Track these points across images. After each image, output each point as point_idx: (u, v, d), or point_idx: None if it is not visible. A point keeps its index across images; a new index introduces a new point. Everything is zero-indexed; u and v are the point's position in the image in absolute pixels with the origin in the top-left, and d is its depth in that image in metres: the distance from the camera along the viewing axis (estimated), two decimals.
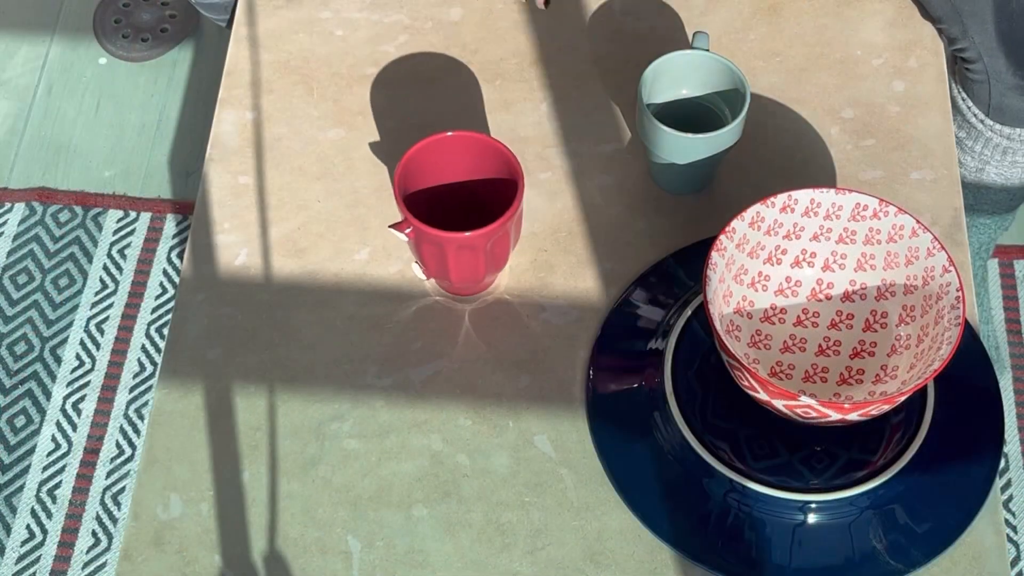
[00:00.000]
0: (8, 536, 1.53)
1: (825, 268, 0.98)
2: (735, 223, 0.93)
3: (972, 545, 0.93)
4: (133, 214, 1.75)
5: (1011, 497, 1.54)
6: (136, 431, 1.60)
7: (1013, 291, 1.67)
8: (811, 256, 0.98)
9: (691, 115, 1.06)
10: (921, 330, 0.93)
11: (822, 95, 1.13)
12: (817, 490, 0.92)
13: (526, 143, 1.11)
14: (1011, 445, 1.57)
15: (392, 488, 0.96)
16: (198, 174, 1.74)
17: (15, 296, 1.69)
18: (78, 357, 1.64)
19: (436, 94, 1.14)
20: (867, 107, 1.13)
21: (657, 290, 1.03)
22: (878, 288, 0.97)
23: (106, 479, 1.57)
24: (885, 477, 0.92)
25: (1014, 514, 1.53)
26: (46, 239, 1.73)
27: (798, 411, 0.89)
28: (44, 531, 1.54)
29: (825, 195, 0.95)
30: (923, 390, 0.96)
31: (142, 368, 1.64)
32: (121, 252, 1.72)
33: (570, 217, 1.08)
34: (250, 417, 0.99)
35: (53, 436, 1.59)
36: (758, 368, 0.96)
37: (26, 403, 1.62)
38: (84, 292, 1.69)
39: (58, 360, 1.64)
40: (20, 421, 1.61)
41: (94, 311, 1.68)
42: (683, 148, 1.01)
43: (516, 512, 0.95)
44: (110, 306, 1.68)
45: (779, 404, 0.89)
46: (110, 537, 1.53)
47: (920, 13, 1.18)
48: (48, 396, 1.62)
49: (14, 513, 1.55)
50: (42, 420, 1.61)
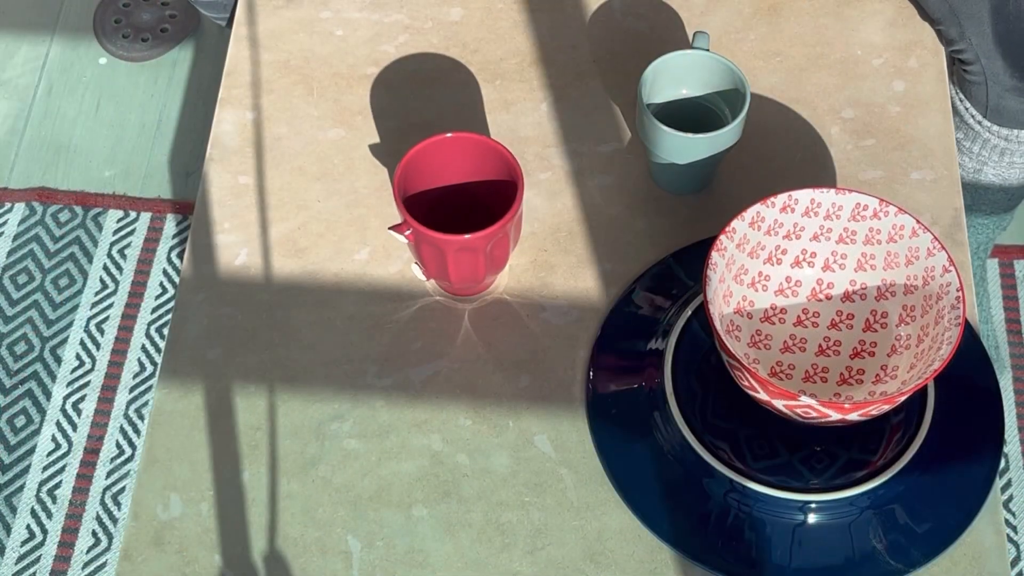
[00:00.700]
0: (8, 536, 1.53)
1: (825, 268, 0.98)
2: (735, 223, 0.94)
3: (972, 545, 0.93)
4: (133, 214, 1.75)
5: (1011, 497, 1.54)
6: (136, 431, 1.60)
7: (1013, 291, 1.67)
8: (811, 256, 0.98)
9: (691, 115, 1.06)
10: (921, 330, 0.93)
11: (822, 95, 1.13)
12: (817, 490, 0.92)
13: (526, 143, 1.11)
14: (1011, 445, 1.57)
15: (392, 488, 0.96)
16: (198, 174, 1.74)
17: (15, 296, 1.69)
18: (78, 357, 1.64)
19: (436, 94, 1.14)
20: (867, 107, 1.13)
21: (657, 290, 1.03)
22: (878, 288, 0.97)
23: (106, 479, 1.57)
24: (885, 477, 0.92)
25: (1014, 514, 1.53)
26: (46, 239, 1.73)
27: (798, 411, 0.89)
28: (44, 531, 1.54)
29: (825, 195, 0.95)
30: (923, 390, 0.96)
31: (142, 368, 1.64)
32: (121, 252, 1.72)
33: (570, 217, 1.08)
34: (250, 417, 0.99)
35: (53, 436, 1.59)
36: (758, 368, 0.96)
37: (26, 403, 1.62)
38: (84, 292, 1.69)
39: (58, 360, 1.64)
40: (20, 421, 1.61)
41: (94, 311, 1.68)
42: (683, 148, 1.01)
43: (516, 512, 0.95)
44: (110, 306, 1.68)
45: (779, 404, 0.89)
46: (110, 537, 1.53)
47: (919, 14, 1.18)
48: (48, 396, 1.62)
49: (14, 513, 1.55)
50: (42, 420, 1.61)
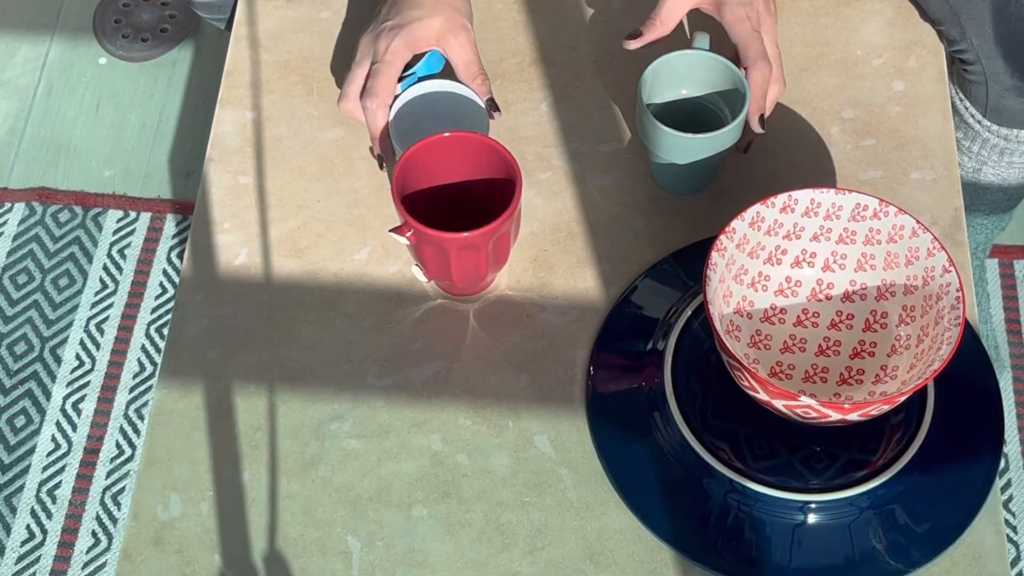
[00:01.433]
0: (8, 536, 1.53)
1: (825, 268, 0.98)
2: (735, 223, 0.94)
3: (972, 545, 0.93)
4: (133, 214, 1.75)
5: (1011, 497, 1.54)
6: (136, 431, 1.60)
7: (1013, 291, 1.67)
8: (811, 256, 0.98)
9: (691, 115, 1.06)
10: (921, 330, 0.93)
11: (822, 95, 1.13)
12: (817, 490, 0.92)
13: (526, 143, 1.11)
14: (1011, 445, 1.57)
15: (392, 488, 0.96)
16: (198, 174, 1.74)
17: (15, 296, 1.69)
18: (78, 357, 1.64)
19: None
20: (867, 107, 1.13)
21: (657, 290, 1.03)
22: (878, 288, 0.97)
23: (106, 479, 1.57)
24: (885, 477, 0.92)
25: (1014, 514, 1.53)
26: (46, 239, 1.73)
27: (798, 411, 0.89)
28: (44, 531, 1.54)
29: (825, 195, 0.95)
30: (923, 390, 0.96)
31: (142, 368, 1.64)
32: (121, 252, 1.72)
33: (570, 217, 1.08)
34: (250, 417, 0.99)
35: (53, 436, 1.60)
36: (758, 368, 0.96)
37: (26, 403, 1.62)
38: (84, 292, 1.69)
39: (58, 360, 1.64)
40: (20, 421, 1.61)
41: (94, 311, 1.68)
42: (683, 148, 1.01)
43: (516, 512, 0.95)
44: (110, 306, 1.68)
45: (779, 404, 0.89)
46: (110, 537, 1.53)
47: (919, 14, 1.18)
48: (48, 396, 1.62)
49: (14, 513, 1.55)
50: (42, 420, 1.61)
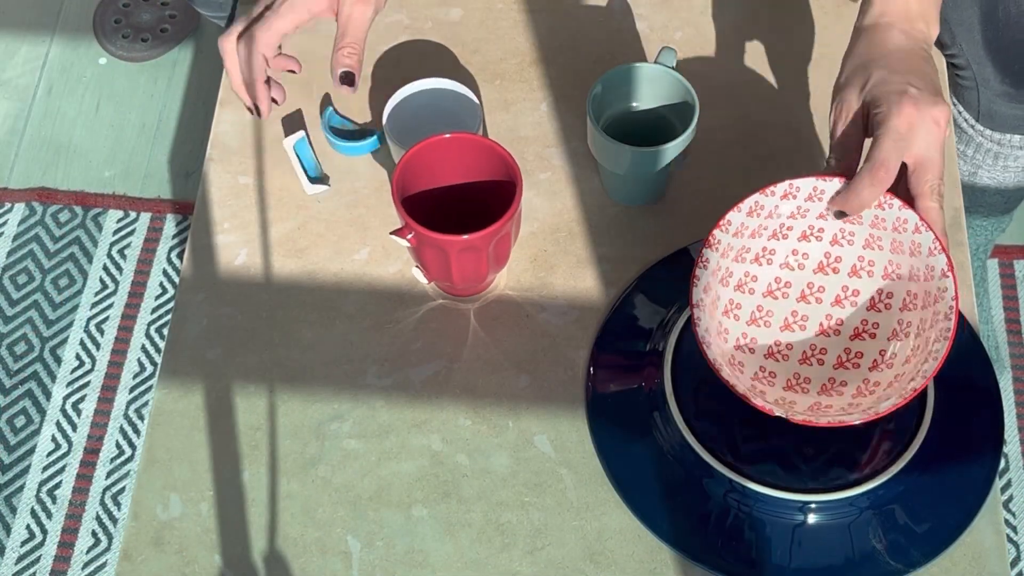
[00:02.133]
0: (8, 536, 1.53)
1: (833, 243, 0.95)
2: (731, 215, 0.92)
3: (972, 545, 0.93)
4: (133, 214, 1.75)
5: (1011, 497, 1.54)
6: (136, 431, 1.60)
7: (1013, 291, 1.67)
8: (819, 231, 0.96)
9: (655, 127, 1.05)
10: (920, 322, 0.92)
11: (822, 95, 1.13)
12: (817, 490, 0.92)
13: (526, 143, 1.11)
14: (1011, 445, 1.57)
15: (392, 488, 0.96)
16: (198, 174, 1.74)
17: (15, 296, 1.69)
18: (78, 357, 1.64)
19: None
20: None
21: (657, 290, 1.03)
22: (885, 268, 0.95)
23: (106, 479, 1.57)
24: (885, 477, 0.92)
25: (1014, 514, 1.53)
26: (46, 239, 1.73)
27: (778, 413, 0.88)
28: (44, 531, 1.54)
29: (829, 183, 0.93)
30: (923, 389, 0.96)
31: (142, 368, 1.64)
32: (121, 252, 1.72)
33: (570, 217, 1.08)
34: (250, 417, 0.99)
35: (53, 436, 1.60)
36: (745, 362, 0.95)
37: (26, 403, 1.62)
38: (84, 292, 1.69)
39: (58, 360, 1.64)
40: (20, 421, 1.61)
41: (94, 311, 1.68)
42: (631, 161, 1.01)
43: (516, 512, 0.95)
44: (110, 306, 1.68)
45: (757, 402, 0.89)
46: (110, 537, 1.53)
47: None
48: (48, 396, 1.62)
49: (14, 513, 1.55)
50: (42, 420, 1.61)
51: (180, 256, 1.72)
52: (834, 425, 0.86)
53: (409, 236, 0.95)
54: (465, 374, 1.01)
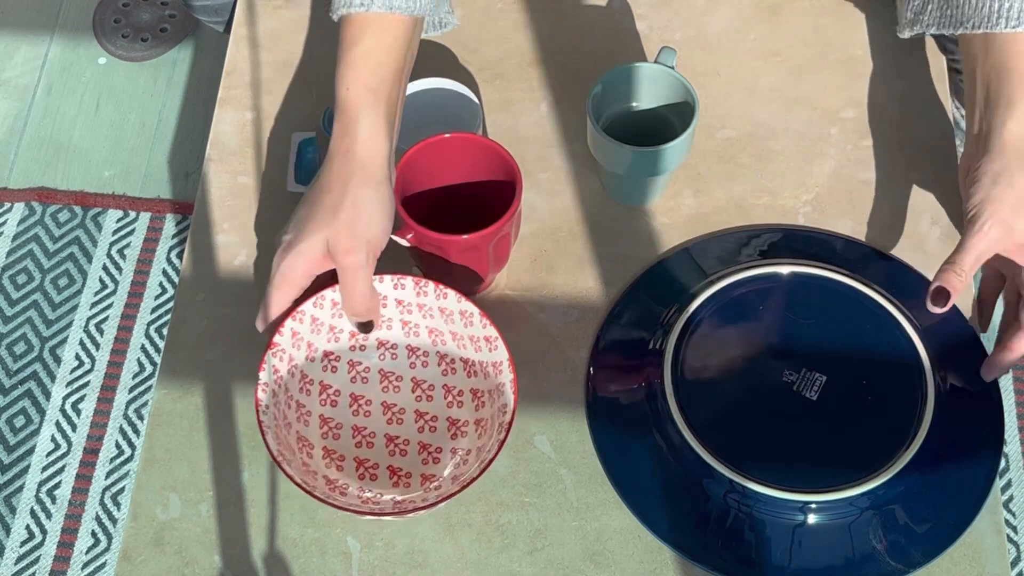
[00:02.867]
0: (8, 536, 1.53)
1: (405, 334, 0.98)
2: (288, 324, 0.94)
3: (972, 545, 0.93)
4: (133, 214, 1.75)
5: (1011, 497, 1.54)
6: (136, 431, 1.60)
7: None
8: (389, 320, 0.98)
9: (654, 127, 1.05)
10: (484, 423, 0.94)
11: (822, 95, 1.13)
12: (817, 490, 0.92)
13: (526, 143, 1.11)
14: (1011, 445, 1.57)
15: None
16: (198, 174, 1.74)
17: (15, 296, 1.69)
18: (78, 357, 1.64)
19: None
20: (867, 107, 1.13)
21: (657, 290, 1.03)
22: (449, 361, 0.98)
23: (106, 479, 1.57)
24: (885, 477, 0.92)
25: (1014, 514, 1.53)
26: (46, 239, 1.73)
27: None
28: (44, 531, 1.54)
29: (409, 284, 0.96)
30: (923, 389, 0.95)
31: (142, 368, 1.64)
32: (121, 252, 1.72)
33: (570, 217, 1.08)
34: (250, 417, 0.99)
35: (53, 436, 1.59)
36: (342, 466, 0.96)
37: (26, 403, 1.62)
38: (84, 292, 1.69)
39: (58, 360, 1.64)
40: (20, 421, 1.61)
41: (94, 311, 1.68)
42: (626, 160, 1.01)
43: (516, 512, 0.95)
44: (110, 306, 1.68)
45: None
46: (110, 537, 1.53)
47: None
48: (48, 396, 1.62)
49: (14, 513, 1.55)
50: (42, 420, 1.61)
51: (180, 256, 1.72)
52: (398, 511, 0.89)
53: (409, 236, 0.95)
54: None
